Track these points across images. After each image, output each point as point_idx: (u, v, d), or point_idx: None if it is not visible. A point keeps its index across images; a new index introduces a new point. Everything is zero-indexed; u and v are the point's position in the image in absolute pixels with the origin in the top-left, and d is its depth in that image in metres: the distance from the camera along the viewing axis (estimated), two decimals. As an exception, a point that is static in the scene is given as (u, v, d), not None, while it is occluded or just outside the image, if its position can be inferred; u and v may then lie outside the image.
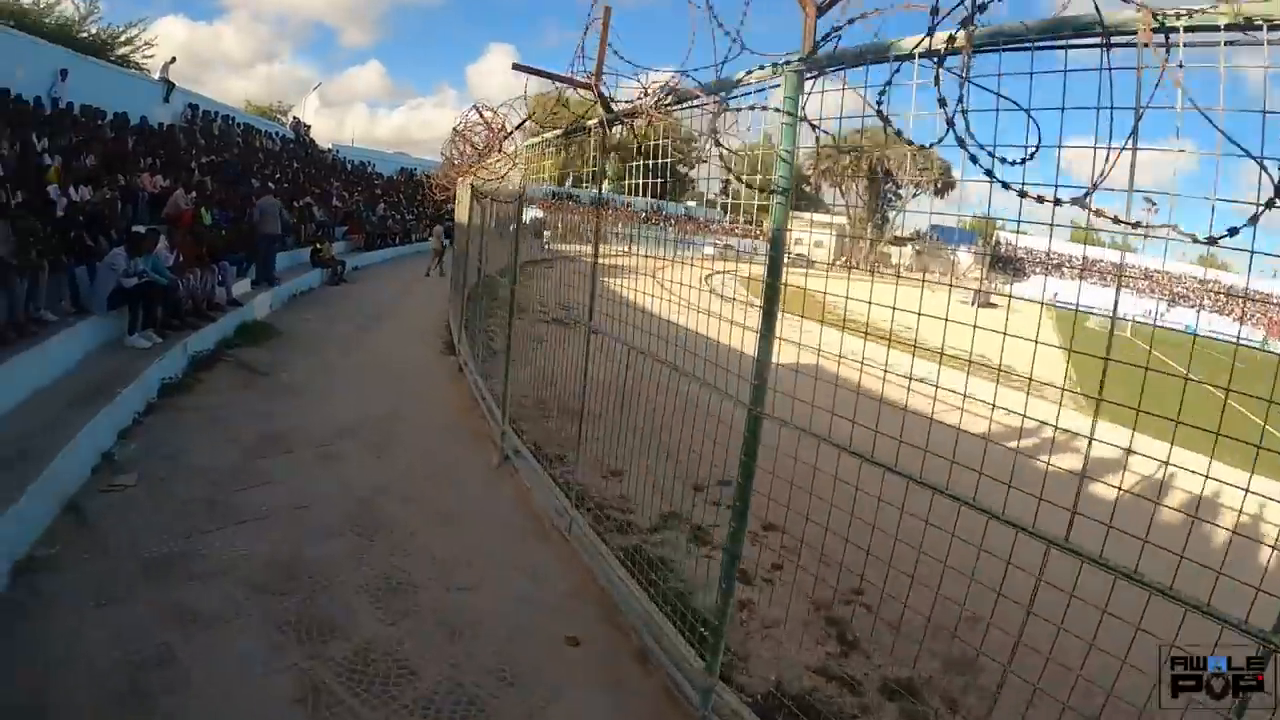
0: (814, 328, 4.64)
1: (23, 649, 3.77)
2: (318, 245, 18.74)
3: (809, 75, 3.25)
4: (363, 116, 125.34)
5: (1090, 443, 2.52)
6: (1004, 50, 2.56)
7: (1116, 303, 2.71)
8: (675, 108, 4.28)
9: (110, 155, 14.19)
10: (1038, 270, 58.07)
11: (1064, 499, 2.53)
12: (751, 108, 3.60)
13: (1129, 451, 2.49)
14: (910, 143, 2.69)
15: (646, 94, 4.43)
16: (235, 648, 4.01)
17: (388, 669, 4.00)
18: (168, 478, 6.04)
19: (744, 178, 3.55)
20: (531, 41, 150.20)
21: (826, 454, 3.32)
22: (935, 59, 2.55)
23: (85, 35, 25.28)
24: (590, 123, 5.51)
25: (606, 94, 4.95)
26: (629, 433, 5.48)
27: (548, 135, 6.62)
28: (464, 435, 8.11)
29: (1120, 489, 2.66)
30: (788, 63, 3.29)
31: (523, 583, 5.15)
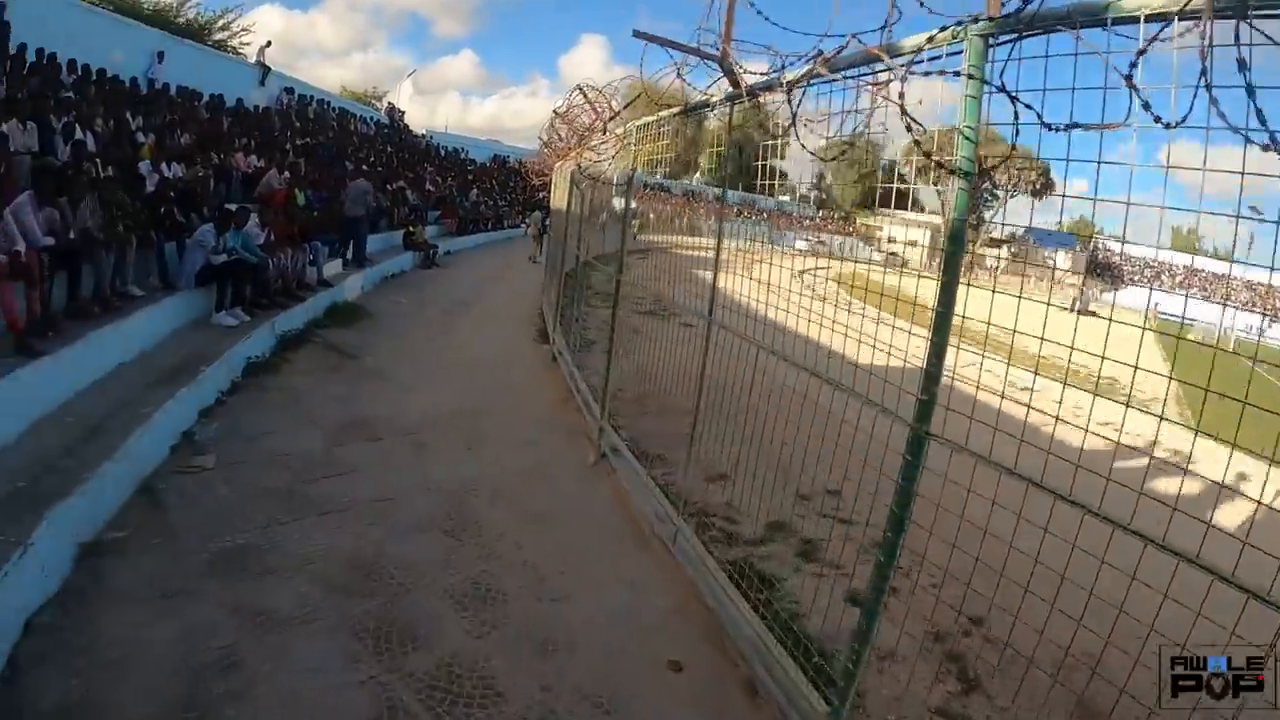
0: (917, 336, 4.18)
1: (79, 644, 3.50)
2: (410, 229, 18.87)
3: (999, 40, 2.69)
4: (456, 105, 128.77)
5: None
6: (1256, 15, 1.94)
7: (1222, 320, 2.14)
8: (825, 79, 3.59)
9: (205, 135, 14.49)
10: (1137, 279, 54.48)
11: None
12: (927, 74, 2.90)
13: None
14: (1169, 126, 2.08)
15: (784, 67, 3.80)
16: (307, 655, 3.65)
17: (472, 688, 3.57)
18: (247, 461, 5.83)
19: (936, 156, 2.88)
20: (623, 32, 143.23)
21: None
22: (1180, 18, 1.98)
23: (182, 20, 26.26)
24: (715, 98, 4.95)
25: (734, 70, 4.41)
26: (737, 435, 4.96)
27: (664, 113, 6.12)
28: (558, 429, 7.70)
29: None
30: (974, 20, 2.70)
31: (621, 595, 4.68)
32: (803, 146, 3.72)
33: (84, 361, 6.11)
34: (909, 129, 2.82)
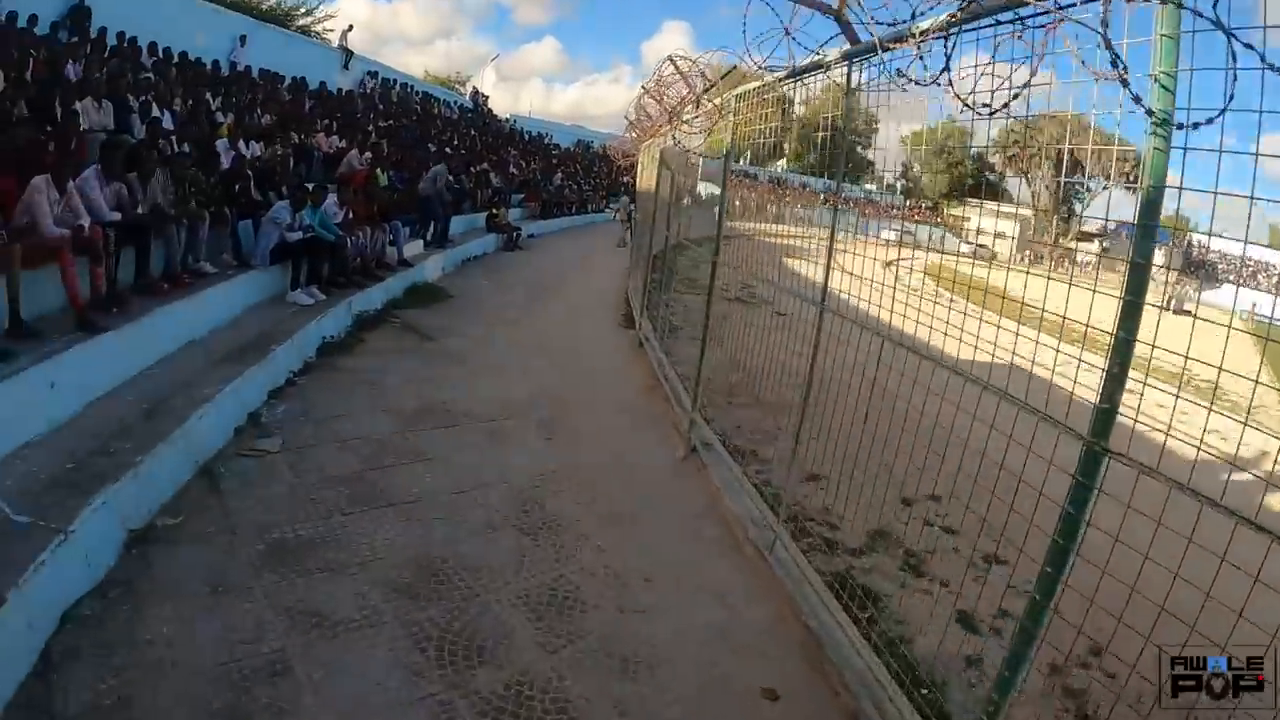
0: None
1: (119, 642, 3.27)
2: (493, 211, 18.80)
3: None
4: (539, 91, 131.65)
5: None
6: None
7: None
8: (970, 26, 2.99)
9: (285, 115, 14.66)
10: (1230, 277, 50.83)
11: None
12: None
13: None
14: None
15: (916, 16, 3.16)
16: (363, 665, 3.34)
17: (544, 712, 3.19)
18: (314, 445, 5.63)
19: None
20: (706, 18, 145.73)
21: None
22: None
23: (266, 6, 26.87)
24: (831, 56, 4.33)
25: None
26: (838, 432, 4.36)
27: (770, 79, 5.49)
28: (644, 420, 7.30)
29: None
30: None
31: (711, 608, 4.24)
32: (958, 98, 3.06)
33: (150, 339, 6.03)
34: (1114, 63, 2.24)
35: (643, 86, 10.11)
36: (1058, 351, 2.65)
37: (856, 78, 4.15)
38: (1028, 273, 3.32)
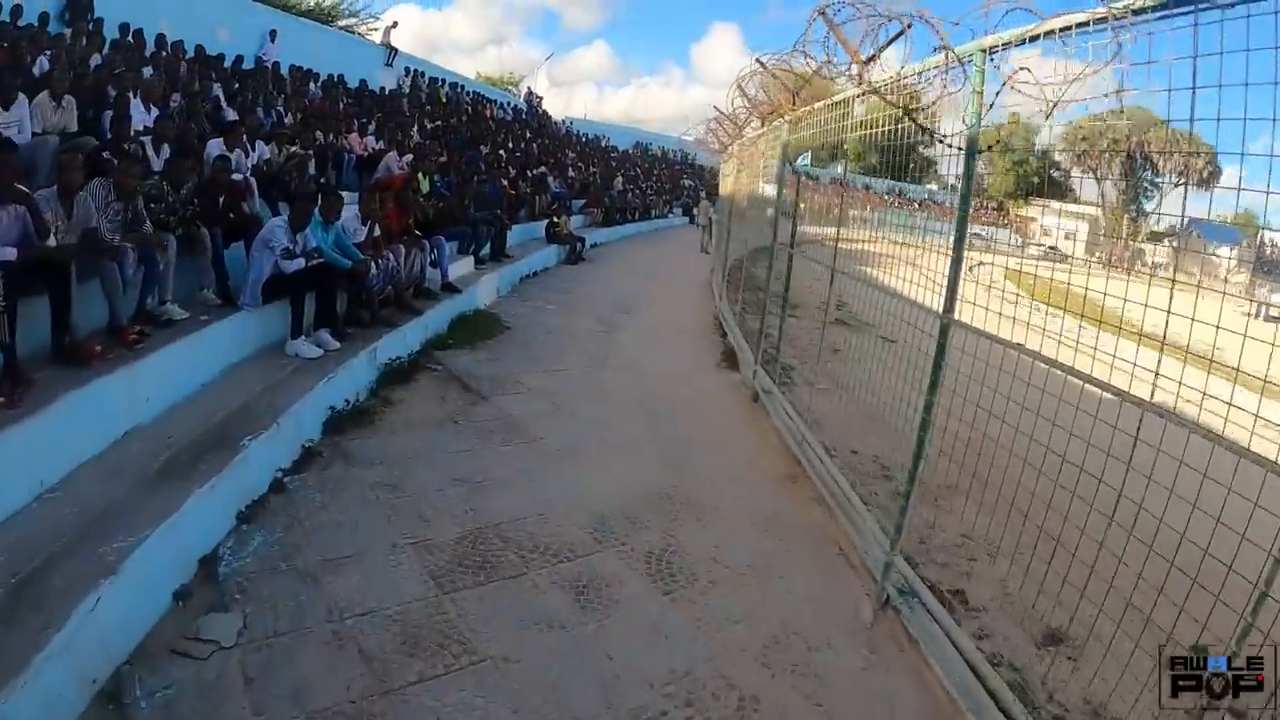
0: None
1: None
2: (554, 220, 16.58)
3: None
4: (591, 95, 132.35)
5: None
6: None
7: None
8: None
9: (312, 113, 12.65)
10: None
11: None
12: None
13: None
14: None
15: None
16: None
17: None
18: (293, 635, 3.39)
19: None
20: (754, 19, 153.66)
21: None
22: None
23: (306, 6, 25.03)
24: (970, 48, 3.53)
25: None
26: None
27: (922, 66, 4.20)
28: (797, 542, 4.86)
29: None
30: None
31: None
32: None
33: (53, 441, 3.89)
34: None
35: (740, 86, 8.87)
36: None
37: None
38: (1127, 281, 3.13)
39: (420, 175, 12.07)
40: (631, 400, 7.18)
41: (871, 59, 5.20)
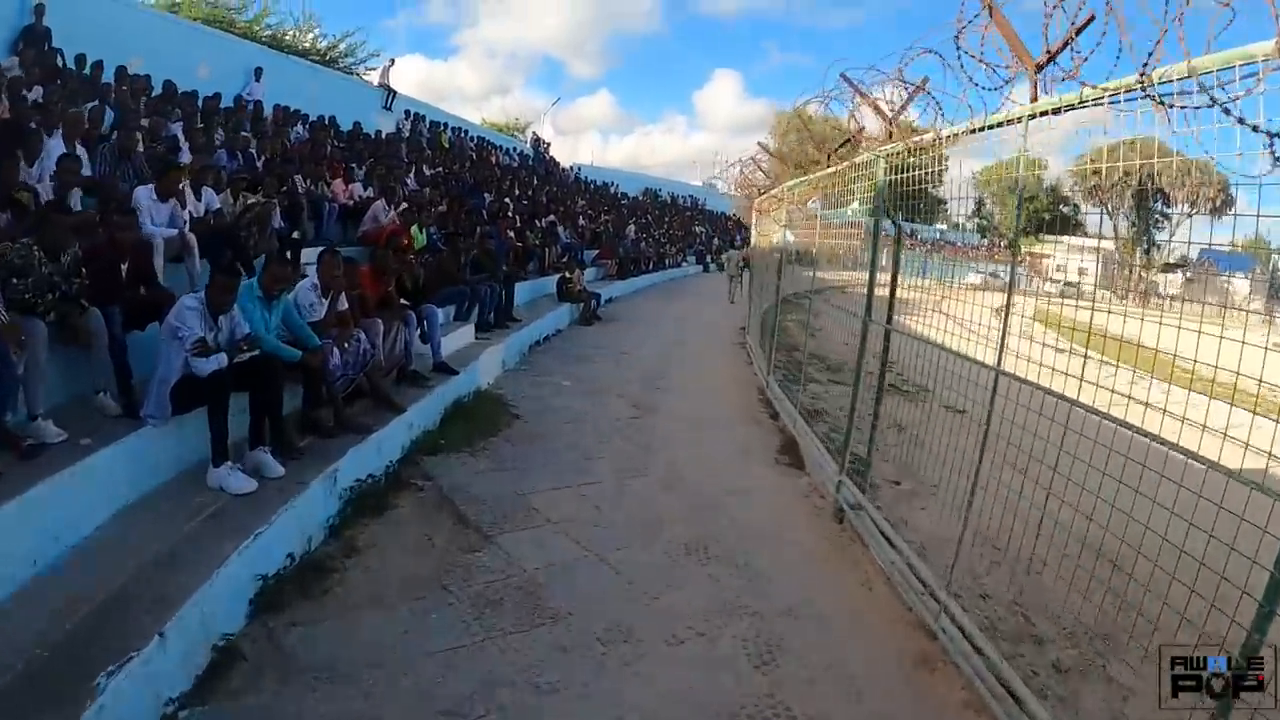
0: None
1: None
2: (565, 275, 14.90)
3: None
4: (595, 142, 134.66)
5: None
6: None
7: None
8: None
9: (289, 156, 11.09)
10: None
11: None
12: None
13: None
14: None
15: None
16: None
17: None
18: None
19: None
20: (755, 66, 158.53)
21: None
22: None
23: (303, 46, 23.73)
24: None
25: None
26: None
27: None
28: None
29: None
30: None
31: None
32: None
33: None
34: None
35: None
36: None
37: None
38: (1160, 321, 3.17)
39: (415, 228, 10.49)
40: (686, 536, 5.30)
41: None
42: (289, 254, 7.56)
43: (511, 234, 14.76)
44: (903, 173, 5.24)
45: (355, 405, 5.81)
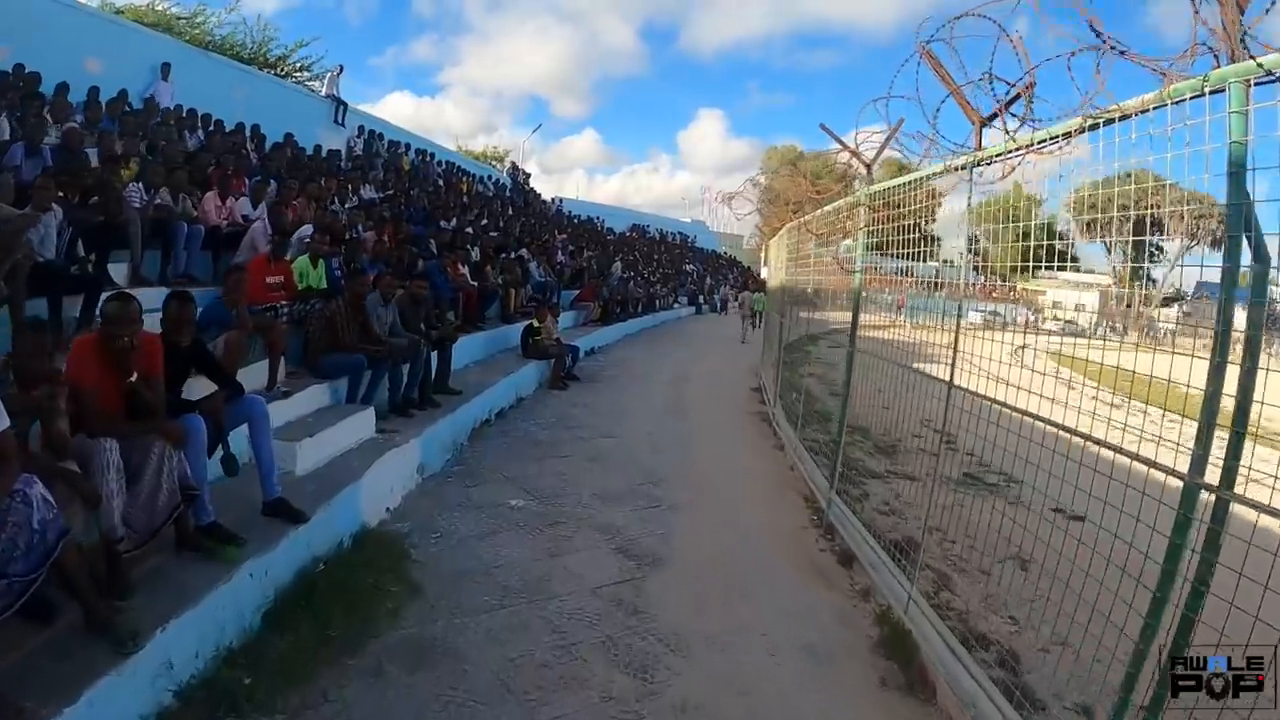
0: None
1: None
2: (533, 325, 11.56)
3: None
4: (581, 181, 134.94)
5: None
6: None
7: None
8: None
9: (105, 156, 7.99)
10: None
11: None
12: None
13: None
14: None
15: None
16: None
17: None
18: None
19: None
20: (739, 105, 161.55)
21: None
22: None
23: (244, 53, 20.63)
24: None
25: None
26: None
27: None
28: None
29: None
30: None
31: None
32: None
33: None
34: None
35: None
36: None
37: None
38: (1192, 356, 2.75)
39: (305, 261, 7.35)
40: None
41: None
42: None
43: (465, 271, 11.58)
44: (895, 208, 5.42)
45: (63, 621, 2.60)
